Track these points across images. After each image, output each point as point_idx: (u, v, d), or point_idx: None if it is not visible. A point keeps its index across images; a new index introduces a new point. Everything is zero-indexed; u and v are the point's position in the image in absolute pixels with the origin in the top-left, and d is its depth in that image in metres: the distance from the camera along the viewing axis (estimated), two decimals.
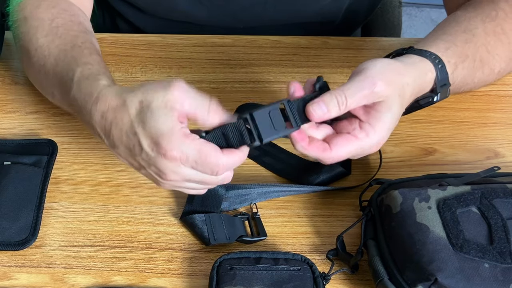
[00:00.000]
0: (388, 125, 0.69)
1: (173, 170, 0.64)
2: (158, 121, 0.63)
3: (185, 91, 0.64)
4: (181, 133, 0.63)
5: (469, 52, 0.79)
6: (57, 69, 0.78)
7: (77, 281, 0.72)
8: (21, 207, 0.76)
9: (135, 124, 0.64)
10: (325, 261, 0.73)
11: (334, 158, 0.68)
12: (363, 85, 0.67)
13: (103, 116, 0.67)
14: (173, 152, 0.63)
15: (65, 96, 0.75)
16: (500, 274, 0.63)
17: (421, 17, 2.51)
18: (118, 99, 0.66)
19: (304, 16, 1.05)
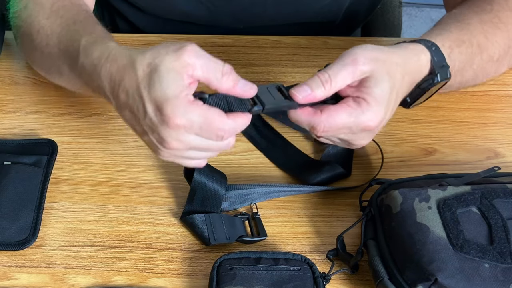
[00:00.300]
0: (381, 100, 0.67)
1: (176, 138, 0.63)
2: (164, 86, 0.62)
3: (198, 56, 0.63)
4: (186, 100, 0.62)
5: (464, 38, 0.78)
6: (62, 45, 0.77)
7: (77, 281, 0.72)
8: (21, 207, 0.76)
9: (141, 87, 0.63)
10: (325, 261, 0.73)
11: (325, 124, 0.66)
12: (346, 62, 0.67)
13: (111, 76, 0.66)
14: (177, 119, 0.62)
15: (73, 68, 0.74)
16: (500, 274, 0.63)
17: (421, 17, 2.51)
18: (128, 59, 0.65)
19: (304, 16, 1.05)
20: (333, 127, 0.67)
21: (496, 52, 0.82)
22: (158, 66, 0.62)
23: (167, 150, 0.65)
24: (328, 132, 0.68)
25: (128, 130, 0.86)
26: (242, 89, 0.64)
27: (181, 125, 0.62)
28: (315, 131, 0.67)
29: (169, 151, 0.65)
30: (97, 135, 0.87)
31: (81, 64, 0.72)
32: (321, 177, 0.80)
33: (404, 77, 0.71)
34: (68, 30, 0.77)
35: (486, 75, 0.85)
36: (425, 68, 0.73)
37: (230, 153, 0.84)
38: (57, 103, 0.91)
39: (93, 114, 0.89)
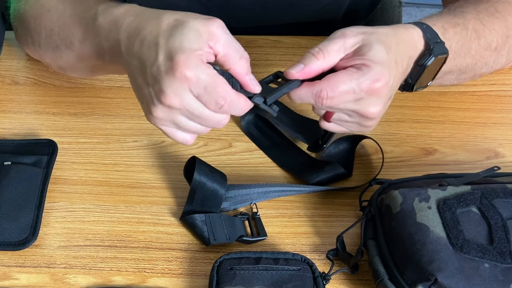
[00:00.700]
0: (380, 61, 0.67)
1: (177, 91, 0.63)
2: (184, 38, 0.62)
3: (224, 31, 0.64)
4: (199, 57, 0.62)
5: (458, 21, 0.78)
6: (76, 15, 0.77)
7: (77, 281, 0.72)
8: (21, 207, 0.76)
9: (160, 35, 0.63)
10: (325, 261, 0.73)
11: (328, 89, 0.66)
12: (335, 37, 0.68)
13: (132, 29, 0.66)
14: (186, 70, 0.61)
15: (87, 34, 0.75)
16: (500, 274, 0.63)
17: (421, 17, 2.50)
18: (155, 14, 0.66)
19: (304, 16, 1.05)
20: (336, 91, 0.66)
21: (494, 40, 0.81)
22: (186, 22, 0.63)
23: (161, 108, 0.64)
24: (334, 99, 0.66)
25: (128, 130, 0.86)
26: (250, 81, 0.65)
27: (188, 77, 0.62)
28: (320, 99, 0.66)
29: (163, 109, 0.64)
30: (97, 135, 0.87)
31: (98, 25, 0.72)
32: (322, 177, 0.80)
33: (399, 44, 0.70)
34: (84, 1, 0.78)
35: (486, 64, 0.84)
36: (419, 43, 0.73)
37: (230, 153, 0.84)
38: (57, 103, 0.91)
39: (93, 114, 0.89)
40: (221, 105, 0.64)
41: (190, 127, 0.67)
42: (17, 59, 0.97)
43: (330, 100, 0.66)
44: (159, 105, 0.64)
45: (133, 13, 0.69)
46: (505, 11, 0.82)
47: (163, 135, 0.86)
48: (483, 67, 0.85)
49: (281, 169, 0.83)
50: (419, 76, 0.74)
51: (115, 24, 0.69)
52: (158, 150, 0.84)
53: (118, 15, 0.70)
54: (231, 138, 0.86)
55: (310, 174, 0.80)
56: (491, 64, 0.85)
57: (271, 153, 0.84)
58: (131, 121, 0.88)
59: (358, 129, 0.73)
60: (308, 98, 0.67)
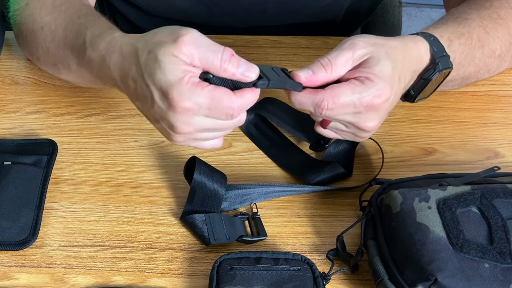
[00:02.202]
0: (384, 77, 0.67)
1: (185, 121, 0.63)
2: (165, 72, 0.62)
3: (196, 45, 0.62)
4: (190, 83, 0.62)
5: (463, 30, 0.78)
6: (67, 39, 0.77)
7: (77, 281, 0.72)
8: (21, 207, 0.76)
9: (145, 75, 0.63)
10: (325, 261, 0.73)
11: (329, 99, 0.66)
12: (344, 47, 0.68)
13: (120, 66, 0.67)
14: (184, 103, 0.62)
15: (81, 61, 0.75)
16: (500, 274, 0.63)
17: (421, 17, 2.51)
18: (131, 48, 0.65)
19: (304, 16, 1.05)
20: (337, 103, 0.66)
21: (498, 47, 0.82)
22: (157, 55, 0.62)
23: (178, 135, 0.65)
24: (333, 110, 0.67)
25: (128, 130, 0.87)
26: (243, 75, 0.64)
27: (188, 108, 0.62)
28: (320, 108, 0.67)
29: (181, 136, 0.65)
30: (97, 135, 0.87)
31: (89, 57, 0.72)
32: (322, 177, 0.80)
33: (405, 59, 0.70)
34: (73, 24, 0.78)
35: (488, 71, 0.85)
36: (425, 57, 0.73)
37: (230, 153, 0.84)
38: (57, 103, 0.91)
39: (93, 114, 0.89)
40: (231, 114, 0.64)
41: (213, 136, 0.68)
42: (17, 59, 0.97)
43: (330, 111, 0.67)
44: (176, 134, 0.65)
45: (115, 49, 0.68)
46: (508, 17, 0.82)
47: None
48: (486, 74, 0.85)
49: (281, 169, 0.83)
50: (422, 89, 0.75)
51: (103, 60, 0.69)
52: (158, 150, 0.84)
53: (103, 50, 0.69)
54: (231, 138, 0.86)
55: (310, 174, 0.80)
56: (494, 70, 0.86)
57: (271, 153, 0.84)
58: (131, 121, 0.88)
59: (352, 138, 0.74)
60: (308, 105, 0.67)
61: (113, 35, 0.70)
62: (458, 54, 0.77)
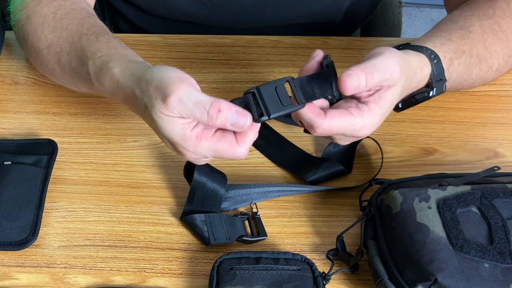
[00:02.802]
0: (384, 111, 0.69)
1: (195, 159, 0.68)
2: (167, 131, 0.65)
3: (182, 105, 0.63)
4: (193, 137, 0.65)
5: (465, 48, 0.79)
6: (73, 65, 0.79)
7: (77, 281, 0.72)
8: (21, 207, 0.76)
9: (152, 125, 0.67)
10: (325, 261, 0.73)
11: (324, 127, 0.67)
12: (388, 68, 0.67)
13: (130, 105, 0.71)
14: (190, 154, 0.66)
15: (89, 87, 0.78)
16: (500, 274, 0.63)
17: (421, 17, 2.51)
18: (131, 94, 0.68)
19: (304, 16, 1.05)
20: (330, 131, 0.68)
21: (495, 62, 0.83)
22: (152, 114, 0.65)
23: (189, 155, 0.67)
24: (329, 132, 0.69)
25: (128, 130, 0.87)
26: (234, 126, 0.64)
27: (195, 158, 0.67)
28: (313, 130, 0.68)
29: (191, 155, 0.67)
30: (97, 135, 0.87)
31: (97, 88, 0.75)
32: (320, 174, 0.80)
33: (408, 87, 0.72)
34: (76, 48, 0.78)
35: (484, 82, 0.86)
36: (425, 80, 0.75)
37: None
38: (57, 103, 0.91)
39: (93, 114, 0.89)
40: (237, 157, 0.66)
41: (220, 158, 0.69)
42: (17, 59, 0.97)
43: (326, 132, 0.68)
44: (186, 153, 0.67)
45: (119, 92, 0.71)
46: (509, 29, 0.82)
47: None
48: (481, 84, 0.87)
49: (281, 169, 0.83)
50: (411, 106, 0.77)
51: (112, 95, 0.73)
52: (158, 150, 0.84)
53: (109, 88, 0.72)
54: None
55: (307, 172, 0.80)
56: (491, 80, 0.87)
57: (267, 152, 0.84)
58: (131, 121, 0.88)
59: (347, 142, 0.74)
60: (304, 121, 0.69)
61: (112, 71, 0.71)
62: (454, 75, 0.79)
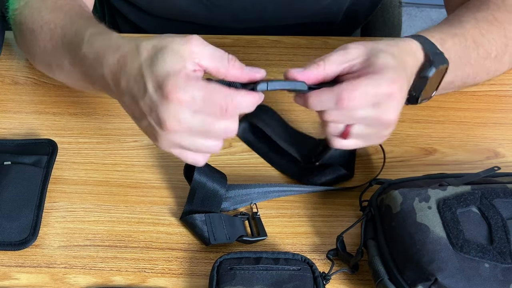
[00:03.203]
0: (390, 65, 0.67)
1: (176, 116, 0.62)
2: (167, 62, 0.62)
3: (204, 45, 0.63)
4: (186, 75, 0.62)
5: (457, 31, 0.78)
6: (65, 38, 0.77)
7: (77, 281, 0.72)
8: (21, 207, 0.76)
9: (143, 67, 0.63)
10: (325, 261, 0.73)
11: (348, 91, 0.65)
12: (336, 49, 0.68)
13: (114, 65, 0.66)
14: (178, 94, 0.61)
15: (74, 59, 0.75)
16: (500, 274, 0.63)
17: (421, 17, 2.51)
18: (132, 45, 0.66)
19: (304, 16, 1.05)
20: (357, 91, 0.65)
21: (493, 49, 0.81)
22: (165, 46, 0.63)
23: (165, 134, 0.64)
24: (355, 100, 0.66)
25: (128, 130, 0.87)
26: (249, 74, 0.64)
27: (182, 100, 0.61)
28: (341, 101, 0.65)
29: (167, 135, 0.64)
30: (97, 135, 0.87)
31: (83, 54, 0.72)
32: (323, 180, 0.79)
33: (401, 53, 0.70)
34: (73, 23, 0.78)
35: (487, 73, 0.84)
36: (419, 53, 0.72)
37: (230, 153, 0.84)
38: (57, 103, 0.91)
39: (93, 114, 0.89)
40: (226, 107, 0.62)
41: (198, 145, 0.65)
42: (17, 59, 0.97)
43: (352, 101, 0.65)
44: (161, 132, 0.64)
45: (112, 46, 0.68)
46: (504, 20, 0.82)
47: None
48: (484, 75, 0.84)
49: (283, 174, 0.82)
50: (423, 88, 0.74)
51: (97, 57, 0.69)
52: (158, 150, 0.84)
53: (99, 48, 0.70)
54: (231, 138, 0.86)
55: (311, 178, 0.80)
56: (493, 73, 0.85)
57: (270, 158, 0.84)
58: (131, 121, 0.87)
59: (376, 140, 0.72)
60: (328, 101, 0.66)
61: (111, 34, 0.70)
62: (453, 53, 0.76)
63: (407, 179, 0.74)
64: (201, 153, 0.67)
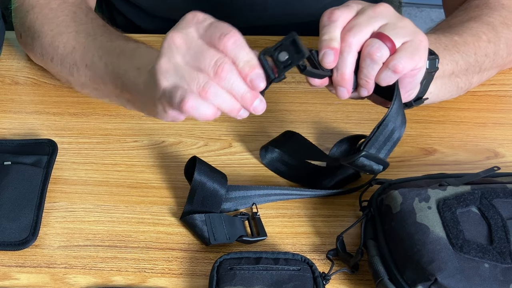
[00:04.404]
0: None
1: (183, 29, 0.62)
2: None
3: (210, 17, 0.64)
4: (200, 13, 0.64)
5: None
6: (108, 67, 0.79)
7: (77, 281, 0.72)
8: (21, 207, 0.76)
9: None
10: (325, 261, 0.73)
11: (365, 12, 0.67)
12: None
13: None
14: (191, 12, 0.64)
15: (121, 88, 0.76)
16: (500, 274, 0.63)
17: (421, 17, 2.51)
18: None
19: (304, 15, 1.05)
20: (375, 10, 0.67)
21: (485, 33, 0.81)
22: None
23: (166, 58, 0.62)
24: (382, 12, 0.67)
25: (128, 130, 0.87)
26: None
27: (193, 15, 0.64)
28: (373, 15, 0.67)
29: (170, 55, 0.62)
30: (97, 135, 0.87)
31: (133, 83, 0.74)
32: (336, 180, 0.79)
33: None
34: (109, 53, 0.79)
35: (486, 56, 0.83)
36: None
37: (230, 153, 0.84)
38: (57, 103, 0.91)
39: (93, 114, 0.89)
40: (225, 35, 0.60)
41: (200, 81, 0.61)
42: (17, 59, 0.97)
43: (379, 12, 0.67)
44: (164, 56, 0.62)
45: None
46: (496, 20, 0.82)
47: (163, 135, 0.86)
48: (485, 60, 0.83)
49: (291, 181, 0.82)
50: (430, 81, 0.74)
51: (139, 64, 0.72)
52: (158, 150, 0.84)
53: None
54: (231, 138, 0.86)
55: (323, 180, 0.79)
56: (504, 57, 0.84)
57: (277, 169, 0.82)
58: (131, 121, 0.88)
59: (419, 50, 0.69)
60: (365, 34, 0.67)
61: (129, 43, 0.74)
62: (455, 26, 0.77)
63: (407, 179, 0.74)
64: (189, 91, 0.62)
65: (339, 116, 0.89)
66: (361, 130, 0.84)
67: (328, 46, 0.67)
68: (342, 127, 0.87)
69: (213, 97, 0.61)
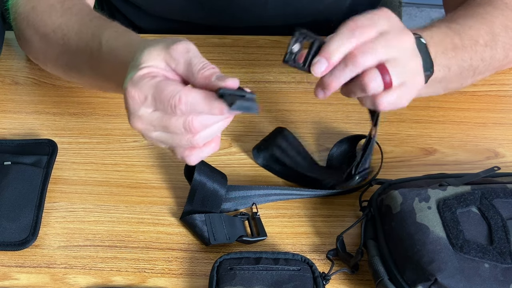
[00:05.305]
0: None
1: (136, 113, 0.61)
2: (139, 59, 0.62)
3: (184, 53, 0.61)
4: (148, 73, 0.61)
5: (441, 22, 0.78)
6: (81, 42, 0.77)
7: (77, 281, 0.72)
8: (21, 207, 0.76)
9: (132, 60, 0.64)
10: (325, 261, 0.73)
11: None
12: None
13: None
14: (132, 91, 0.60)
15: (95, 64, 0.75)
16: (500, 274, 0.63)
17: (421, 17, 2.51)
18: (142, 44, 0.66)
19: (304, 16, 1.05)
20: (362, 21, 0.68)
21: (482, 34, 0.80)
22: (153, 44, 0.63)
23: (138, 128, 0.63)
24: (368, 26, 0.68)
25: (128, 130, 0.87)
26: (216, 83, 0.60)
27: (135, 96, 0.60)
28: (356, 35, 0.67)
29: (140, 131, 0.63)
30: (97, 135, 0.87)
31: (103, 57, 0.72)
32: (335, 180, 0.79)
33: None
34: (87, 27, 0.77)
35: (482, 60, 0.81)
36: None
37: (230, 153, 0.84)
38: (57, 103, 0.91)
39: (93, 114, 0.89)
40: (174, 105, 0.59)
41: (170, 141, 0.63)
42: (17, 59, 0.97)
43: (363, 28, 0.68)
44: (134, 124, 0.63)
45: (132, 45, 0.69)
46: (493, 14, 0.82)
47: None
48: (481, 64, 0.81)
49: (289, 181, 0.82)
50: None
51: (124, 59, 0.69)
52: (158, 150, 0.84)
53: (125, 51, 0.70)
54: (231, 138, 0.86)
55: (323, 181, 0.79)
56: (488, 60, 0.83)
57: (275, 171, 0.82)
58: None
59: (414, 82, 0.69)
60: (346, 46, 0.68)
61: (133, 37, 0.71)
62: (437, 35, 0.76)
63: (407, 179, 0.74)
64: (184, 149, 0.64)
65: (339, 116, 0.89)
66: (361, 130, 0.84)
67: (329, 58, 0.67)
68: (342, 127, 0.87)
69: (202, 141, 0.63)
